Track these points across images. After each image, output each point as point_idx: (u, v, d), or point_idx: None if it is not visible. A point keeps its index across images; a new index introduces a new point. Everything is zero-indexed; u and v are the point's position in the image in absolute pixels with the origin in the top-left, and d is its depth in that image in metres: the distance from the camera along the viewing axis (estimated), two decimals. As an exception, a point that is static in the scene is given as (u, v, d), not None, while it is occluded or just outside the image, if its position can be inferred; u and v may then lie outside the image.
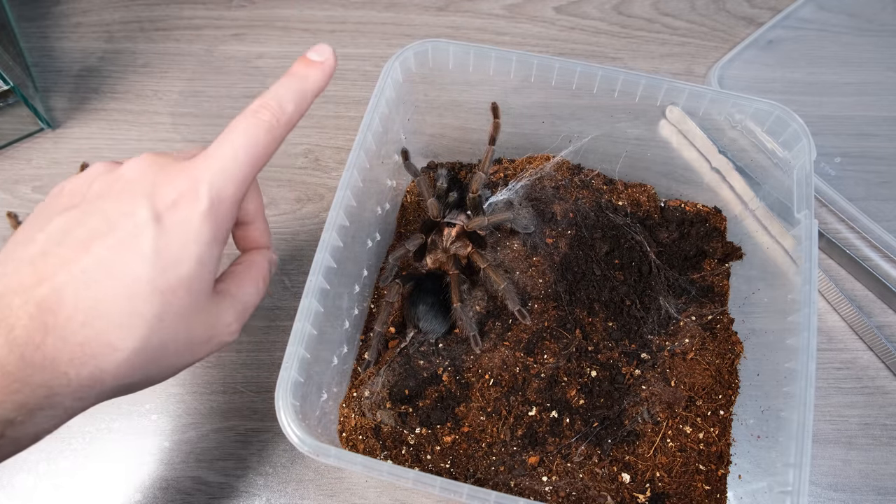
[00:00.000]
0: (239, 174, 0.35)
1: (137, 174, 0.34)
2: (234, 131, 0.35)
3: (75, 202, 0.34)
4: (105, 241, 0.31)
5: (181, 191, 0.33)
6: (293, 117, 0.38)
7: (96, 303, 0.30)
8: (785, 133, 0.54)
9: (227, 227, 0.35)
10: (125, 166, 0.35)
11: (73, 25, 0.84)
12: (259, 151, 0.36)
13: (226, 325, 0.37)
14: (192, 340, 0.34)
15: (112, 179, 0.34)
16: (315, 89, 0.39)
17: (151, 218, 0.32)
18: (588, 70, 0.55)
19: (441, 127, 0.68)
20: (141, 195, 0.32)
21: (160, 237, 0.31)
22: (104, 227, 0.31)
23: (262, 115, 0.36)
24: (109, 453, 0.57)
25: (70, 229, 0.32)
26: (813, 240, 0.48)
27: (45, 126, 0.74)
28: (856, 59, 0.81)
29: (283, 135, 0.37)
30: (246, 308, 0.39)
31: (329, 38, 0.84)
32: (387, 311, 0.57)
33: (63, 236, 0.31)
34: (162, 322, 0.32)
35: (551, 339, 0.56)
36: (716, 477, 0.52)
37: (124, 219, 0.32)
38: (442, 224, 0.61)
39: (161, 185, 0.33)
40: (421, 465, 0.52)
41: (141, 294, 0.31)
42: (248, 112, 0.36)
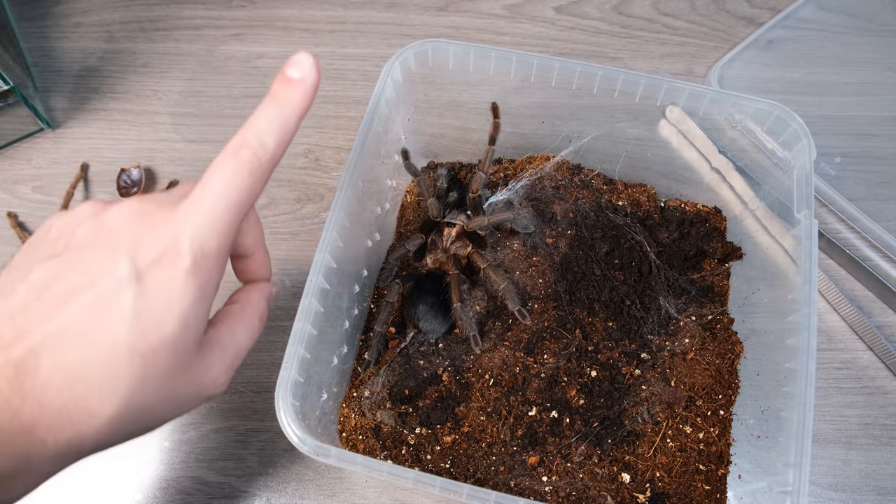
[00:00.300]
0: (222, 225, 0.32)
1: (121, 223, 0.32)
2: (214, 177, 0.32)
3: (58, 250, 0.32)
4: (84, 298, 0.29)
5: (163, 247, 0.31)
6: (277, 152, 0.35)
7: (75, 366, 0.29)
8: (785, 133, 0.54)
9: (216, 280, 0.33)
10: (110, 213, 0.33)
11: (73, 25, 0.84)
12: (242, 196, 0.33)
13: (213, 380, 0.35)
14: (176, 399, 0.33)
15: (97, 226, 0.32)
16: (298, 114, 0.36)
17: (132, 276, 0.30)
18: (588, 70, 0.55)
19: (441, 127, 0.68)
20: (122, 250, 0.31)
21: (141, 297, 0.30)
22: (84, 283, 0.30)
23: (242, 156, 0.33)
24: (109, 453, 0.57)
25: (50, 282, 0.30)
26: (813, 240, 0.48)
27: (45, 126, 0.74)
28: (856, 59, 0.81)
29: (267, 173, 0.34)
30: (237, 356, 0.37)
31: (329, 38, 0.84)
32: (387, 311, 0.57)
33: (43, 289, 0.30)
34: (144, 385, 0.30)
35: (551, 339, 0.56)
36: (716, 477, 0.52)
37: (104, 276, 0.30)
38: (442, 224, 0.61)
39: (143, 238, 0.31)
40: (421, 465, 0.52)
41: (121, 357, 0.29)
42: (227, 153, 0.33)
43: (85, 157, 0.73)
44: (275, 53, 0.82)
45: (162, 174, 0.73)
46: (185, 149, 0.74)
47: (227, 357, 0.36)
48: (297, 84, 0.35)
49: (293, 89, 0.35)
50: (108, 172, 0.72)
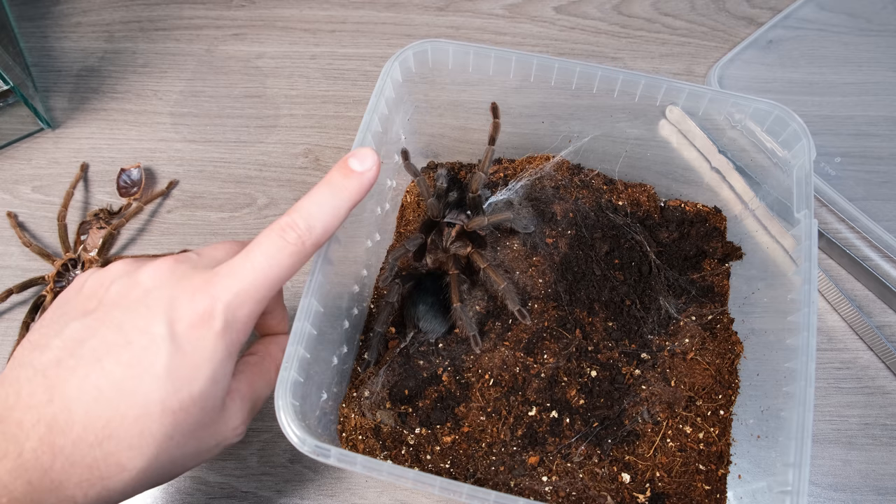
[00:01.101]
0: (257, 295, 0.33)
1: (156, 283, 0.33)
2: (257, 250, 0.34)
3: (92, 306, 0.33)
4: (119, 356, 0.30)
5: (199, 311, 0.32)
6: (321, 238, 0.36)
7: (107, 422, 0.29)
8: (785, 133, 0.54)
9: (242, 341, 0.34)
10: (144, 272, 0.33)
11: (73, 25, 0.84)
12: (281, 274, 0.34)
13: (233, 429, 0.36)
14: (199, 449, 0.34)
15: (131, 285, 0.33)
16: (350, 205, 0.37)
17: (167, 336, 0.31)
18: (588, 70, 0.55)
19: (441, 127, 0.68)
20: (158, 309, 0.31)
21: (174, 357, 0.31)
22: (119, 341, 0.31)
23: (287, 237, 0.34)
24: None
25: (84, 339, 0.31)
26: (813, 240, 0.48)
27: (45, 126, 0.74)
28: (856, 59, 0.81)
29: (308, 255, 0.36)
30: (255, 406, 0.38)
31: (329, 38, 0.84)
32: (387, 311, 0.57)
33: (77, 346, 0.31)
34: (172, 440, 0.31)
35: (551, 339, 0.56)
36: (716, 477, 0.52)
37: (139, 334, 0.31)
38: (442, 224, 0.61)
39: (179, 300, 0.32)
40: (421, 465, 0.52)
41: (153, 414, 0.30)
42: (275, 229, 0.34)
43: (85, 157, 0.73)
44: (275, 53, 0.82)
45: (162, 174, 0.73)
46: (185, 149, 0.74)
47: (246, 407, 0.37)
48: (355, 177, 0.36)
49: (351, 181, 0.36)
50: (107, 172, 0.72)
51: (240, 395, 0.36)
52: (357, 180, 0.37)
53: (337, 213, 0.36)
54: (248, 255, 0.34)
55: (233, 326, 0.33)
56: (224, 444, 0.36)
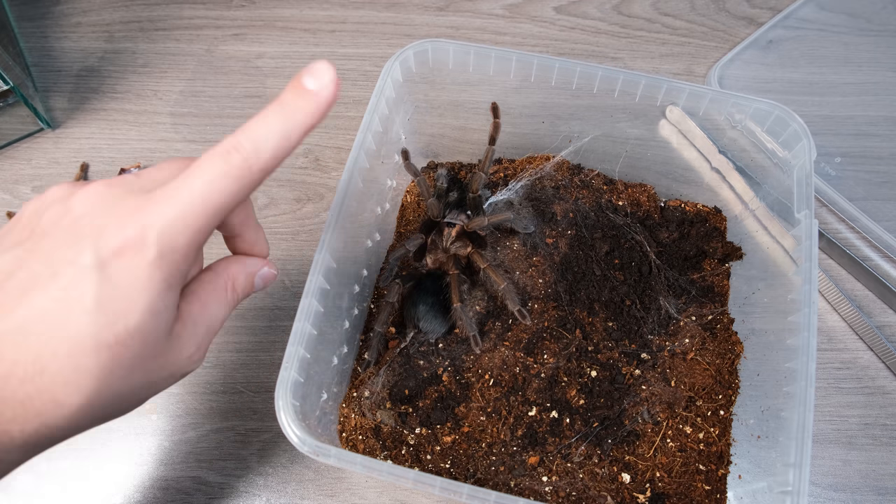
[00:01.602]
0: (195, 224, 0.30)
1: (87, 209, 0.30)
2: (197, 173, 0.30)
3: (25, 236, 0.31)
4: (46, 289, 0.28)
5: (128, 238, 0.29)
6: (270, 164, 0.32)
7: (37, 357, 0.28)
8: (785, 133, 0.54)
9: (184, 271, 0.32)
10: (76, 198, 0.31)
11: (73, 25, 0.84)
12: (223, 201, 0.31)
13: (188, 358, 0.33)
14: (150, 381, 0.32)
15: (63, 212, 0.31)
16: (304, 128, 0.33)
17: (94, 266, 0.29)
18: (588, 70, 0.55)
19: (441, 127, 0.68)
20: (86, 238, 0.29)
21: (104, 288, 0.29)
22: (46, 273, 0.29)
23: (231, 159, 0.31)
24: (109, 453, 0.57)
25: (13, 271, 0.29)
26: (813, 240, 0.48)
27: (45, 126, 0.74)
28: (856, 59, 0.81)
29: (256, 182, 0.32)
30: (210, 329, 0.35)
31: (329, 38, 0.84)
32: (387, 311, 0.57)
33: (5, 279, 0.29)
34: (113, 374, 0.29)
35: (551, 339, 0.56)
36: (716, 477, 0.52)
37: (66, 265, 0.29)
38: (442, 224, 0.61)
39: (108, 228, 0.29)
40: (421, 465, 0.52)
41: (86, 349, 0.28)
42: (217, 152, 0.31)
43: (85, 157, 0.73)
44: (275, 53, 0.82)
45: (162, 174, 0.73)
46: (185, 149, 0.74)
47: (199, 332, 0.34)
48: (310, 96, 0.33)
49: (305, 100, 0.33)
50: (107, 172, 0.72)
51: (191, 321, 0.34)
52: (312, 101, 0.33)
53: (288, 137, 0.32)
54: (186, 179, 0.30)
55: (170, 256, 0.30)
56: (180, 373, 0.34)
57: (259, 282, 0.39)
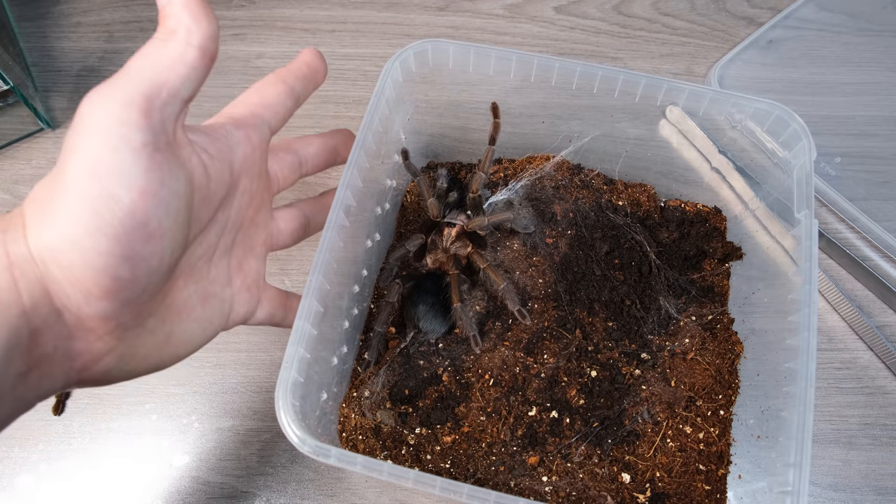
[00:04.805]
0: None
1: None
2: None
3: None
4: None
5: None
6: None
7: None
8: (785, 133, 0.54)
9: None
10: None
11: (73, 25, 0.84)
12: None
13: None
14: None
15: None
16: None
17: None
18: (588, 70, 0.55)
19: (441, 127, 0.68)
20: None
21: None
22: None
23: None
24: (109, 453, 0.57)
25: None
26: (813, 240, 0.48)
27: (45, 126, 0.74)
28: (856, 59, 0.81)
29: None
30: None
31: (329, 38, 0.84)
32: (387, 311, 0.57)
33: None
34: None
35: (551, 339, 0.56)
36: (716, 477, 0.52)
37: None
38: (442, 224, 0.61)
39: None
40: (421, 465, 0.52)
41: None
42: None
43: (85, 157, 0.73)
44: (275, 53, 0.82)
45: (162, 174, 0.73)
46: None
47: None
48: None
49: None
50: (108, 172, 0.72)
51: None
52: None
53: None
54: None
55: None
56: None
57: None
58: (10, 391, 0.30)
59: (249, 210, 0.42)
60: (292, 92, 0.42)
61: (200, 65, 0.34)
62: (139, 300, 0.33)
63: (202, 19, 0.33)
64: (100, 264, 0.30)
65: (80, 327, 0.32)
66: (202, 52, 0.33)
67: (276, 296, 0.46)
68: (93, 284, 0.31)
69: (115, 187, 0.30)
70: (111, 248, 0.30)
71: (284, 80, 0.42)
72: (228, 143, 0.38)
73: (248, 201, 0.41)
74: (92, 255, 0.30)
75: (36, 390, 0.32)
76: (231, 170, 0.39)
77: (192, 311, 0.39)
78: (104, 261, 0.30)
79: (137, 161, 0.31)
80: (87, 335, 0.33)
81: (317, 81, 0.44)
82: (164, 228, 0.32)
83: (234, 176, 0.39)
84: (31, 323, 0.30)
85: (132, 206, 0.30)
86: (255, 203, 0.42)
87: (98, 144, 0.30)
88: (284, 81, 0.42)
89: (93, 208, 0.30)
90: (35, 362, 0.31)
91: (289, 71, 0.42)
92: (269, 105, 0.41)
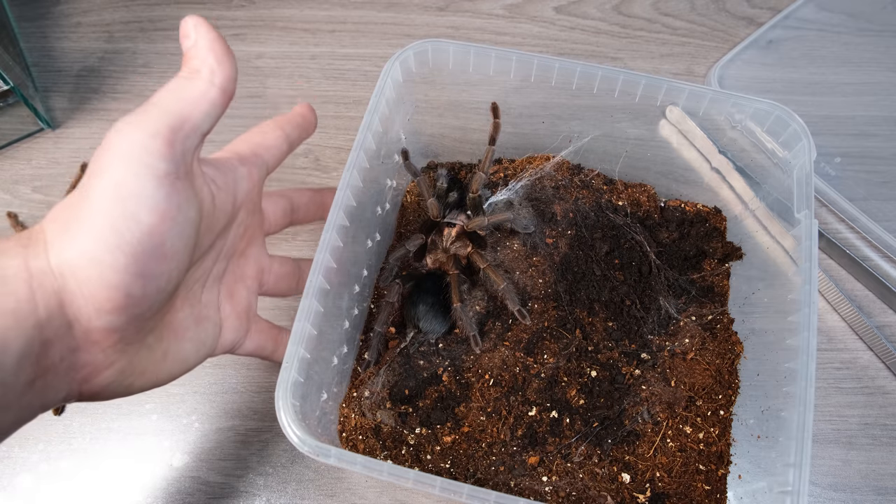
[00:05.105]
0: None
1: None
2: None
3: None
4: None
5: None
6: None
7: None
8: (785, 133, 0.54)
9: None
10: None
11: (73, 25, 0.84)
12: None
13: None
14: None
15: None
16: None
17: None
18: (588, 70, 0.55)
19: (441, 127, 0.68)
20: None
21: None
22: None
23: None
24: (110, 453, 0.58)
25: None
26: (813, 240, 0.48)
27: (45, 126, 0.74)
28: (856, 59, 0.81)
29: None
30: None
31: (329, 38, 0.84)
32: (387, 311, 0.57)
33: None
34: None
35: (551, 339, 0.56)
36: (716, 477, 0.52)
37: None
38: (442, 224, 0.61)
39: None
40: (421, 465, 0.52)
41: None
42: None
43: (85, 157, 0.73)
44: (275, 53, 0.82)
45: (162, 174, 0.73)
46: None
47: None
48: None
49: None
50: (108, 172, 0.72)
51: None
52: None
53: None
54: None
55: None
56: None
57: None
58: (18, 399, 0.31)
59: (242, 242, 0.45)
60: (287, 138, 0.46)
61: (220, 103, 0.37)
62: (144, 317, 0.35)
63: (225, 62, 0.37)
64: (115, 280, 0.32)
65: (86, 340, 0.33)
66: (223, 92, 0.37)
67: (266, 328, 0.48)
68: (106, 299, 0.32)
69: (137, 209, 0.32)
70: (128, 265, 0.32)
71: (282, 127, 0.46)
72: (234, 177, 0.42)
73: (241, 233, 0.45)
74: (109, 271, 0.32)
75: (41, 399, 0.33)
76: (234, 202, 0.42)
77: (186, 332, 0.41)
78: (119, 277, 0.32)
79: (160, 187, 0.33)
80: (92, 347, 0.34)
81: (308, 131, 0.48)
82: (175, 250, 0.35)
83: (236, 208, 0.42)
84: (44, 334, 0.31)
85: (151, 228, 0.33)
86: (247, 236, 0.46)
87: (123, 170, 0.32)
88: (282, 128, 0.46)
89: (114, 227, 0.32)
90: (42, 372, 0.32)
91: (286, 119, 0.47)
92: (269, 147, 0.45)
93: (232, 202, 0.41)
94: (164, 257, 0.34)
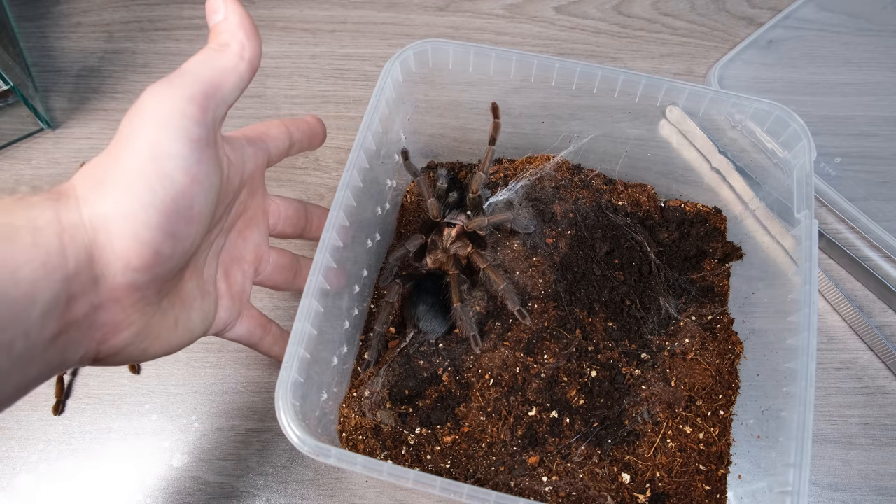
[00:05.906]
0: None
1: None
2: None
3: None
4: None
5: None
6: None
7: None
8: (785, 133, 0.54)
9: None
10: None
11: (73, 25, 0.84)
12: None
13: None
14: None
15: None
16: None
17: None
18: (588, 70, 0.55)
19: (441, 127, 0.68)
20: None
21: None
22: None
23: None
24: (109, 453, 0.57)
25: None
26: (813, 240, 0.48)
27: (45, 126, 0.74)
28: (856, 59, 0.81)
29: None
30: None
31: (329, 38, 0.84)
32: (387, 311, 0.57)
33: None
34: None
35: (551, 339, 0.56)
36: (716, 477, 0.52)
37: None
38: (442, 224, 0.61)
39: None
40: (421, 465, 0.52)
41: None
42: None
43: (85, 157, 0.73)
44: (275, 53, 0.82)
45: (162, 174, 0.73)
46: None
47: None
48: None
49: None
50: (108, 172, 0.72)
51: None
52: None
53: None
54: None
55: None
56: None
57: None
58: (42, 354, 0.32)
59: (241, 221, 0.46)
60: (290, 136, 0.48)
61: (247, 77, 0.39)
62: (165, 277, 0.36)
63: (254, 38, 0.39)
64: (147, 237, 0.33)
65: (109, 297, 0.34)
66: (250, 67, 0.39)
67: (257, 315, 0.50)
68: (136, 255, 0.33)
69: (172, 169, 0.33)
70: (161, 223, 0.33)
71: (287, 125, 0.48)
72: (242, 156, 0.43)
73: (241, 211, 0.46)
74: (143, 228, 0.33)
75: (61, 356, 0.33)
76: (241, 178, 0.43)
77: (194, 301, 0.42)
78: (152, 234, 0.33)
79: (193, 150, 0.34)
80: (113, 306, 0.35)
81: (312, 141, 0.51)
82: (202, 214, 0.36)
83: (241, 185, 0.44)
84: (71, 288, 0.32)
85: (183, 189, 0.34)
86: (247, 217, 0.47)
87: (159, 131, 0.34)
88: (287, 126, 0.48)
89: (149, 185, 0.33)
90: (66, 327, 0.32)
91: (292, 120, 0.49)
92: (273, 137, 0.47)
93: (239, 178, 0.43)
94: (192, 219, 0.35)
